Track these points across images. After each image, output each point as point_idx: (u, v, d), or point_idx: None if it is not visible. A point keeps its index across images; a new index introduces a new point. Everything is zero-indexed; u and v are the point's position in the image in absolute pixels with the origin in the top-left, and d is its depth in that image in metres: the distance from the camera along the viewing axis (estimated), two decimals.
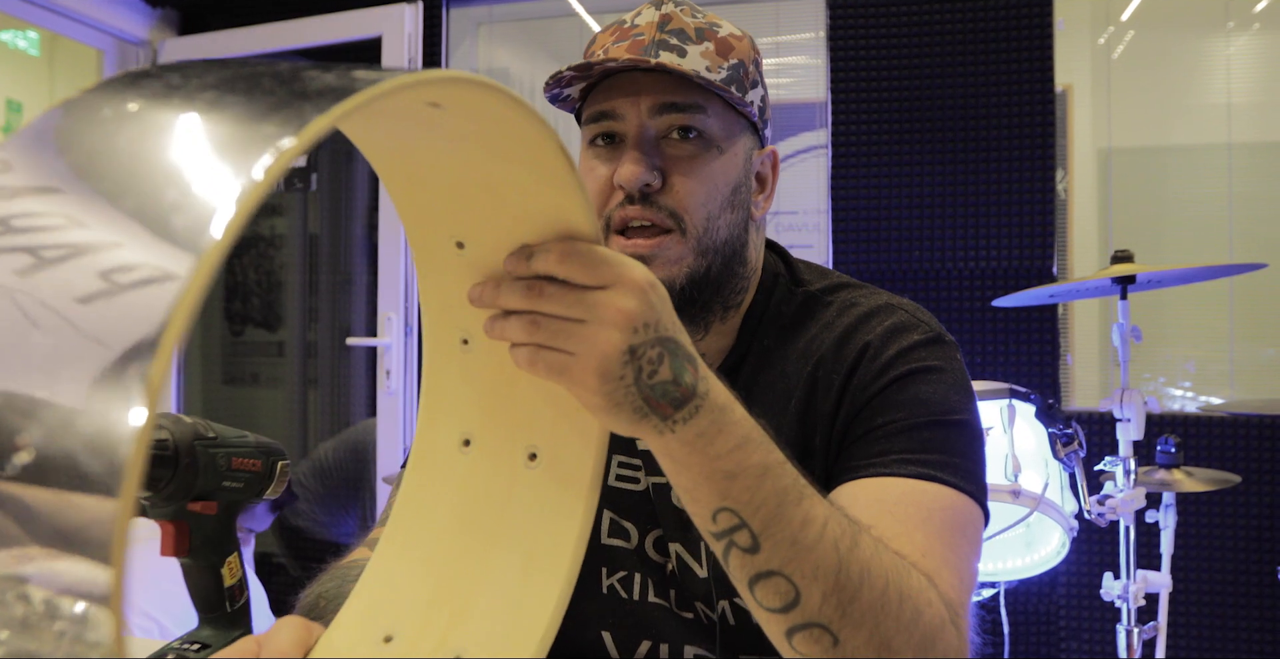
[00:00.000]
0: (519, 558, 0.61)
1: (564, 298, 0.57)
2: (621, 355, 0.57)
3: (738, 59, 0.90)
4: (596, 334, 0.57)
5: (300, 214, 3.31)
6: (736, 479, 0.62)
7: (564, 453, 0.62)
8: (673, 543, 0.91)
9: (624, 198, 0.86)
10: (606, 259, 0.58)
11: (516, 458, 0.63)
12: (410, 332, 2.89)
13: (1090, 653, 2.51)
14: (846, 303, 0.93)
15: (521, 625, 0.59)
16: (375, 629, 0.61)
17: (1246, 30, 3.11)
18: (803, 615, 0.63)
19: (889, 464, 0.80)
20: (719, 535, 0.63)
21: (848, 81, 2.67)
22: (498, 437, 0.63)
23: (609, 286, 0.57)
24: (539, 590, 0.59)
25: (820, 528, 0.63)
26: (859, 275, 2.66)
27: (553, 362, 0.58)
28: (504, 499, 0.62)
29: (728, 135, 0.89)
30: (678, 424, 0.60)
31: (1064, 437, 1.79)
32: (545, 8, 3.28)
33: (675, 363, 0.59)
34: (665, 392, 0.59)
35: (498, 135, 0.54)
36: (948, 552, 0.75)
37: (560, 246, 0.57)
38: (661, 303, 0.59)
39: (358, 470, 2.91)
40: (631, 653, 0.92)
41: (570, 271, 0.57)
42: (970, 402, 0.87)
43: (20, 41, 4.14)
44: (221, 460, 0.85)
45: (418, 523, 0.64)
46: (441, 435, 0.65)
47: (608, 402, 0.58)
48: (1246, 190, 3.04)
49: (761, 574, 0.63)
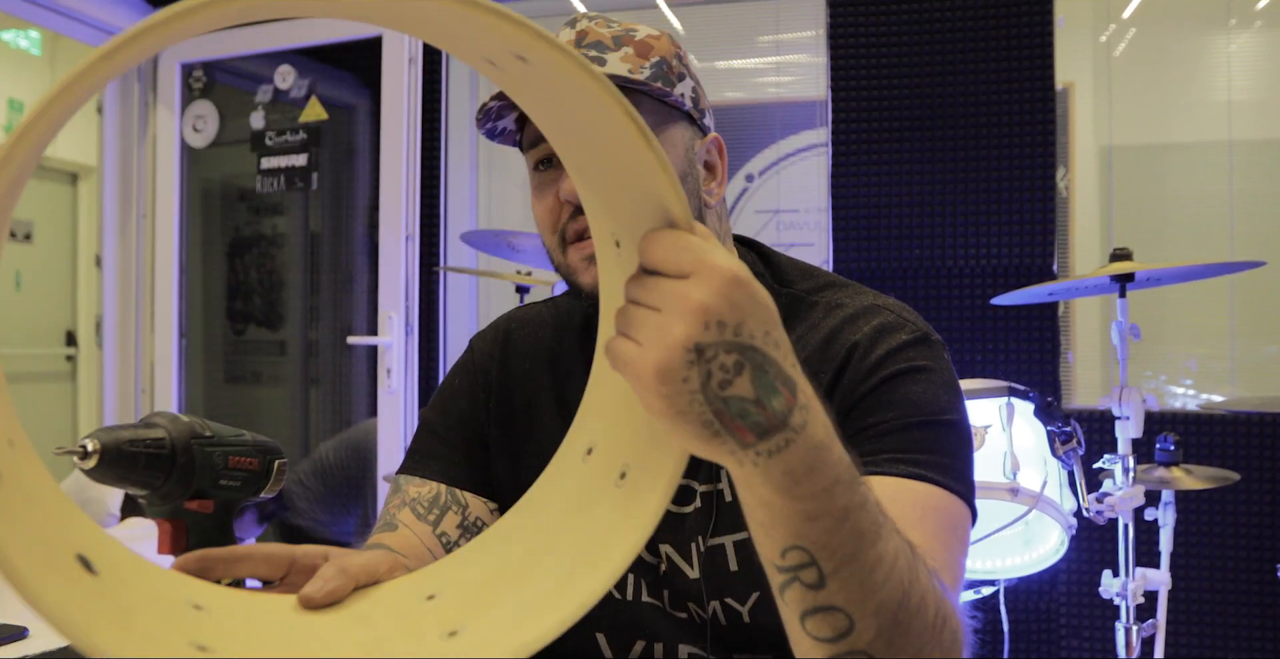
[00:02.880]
0: (563, 570, 0.61)
1: (650, 284, 0.53)
2: (685, 352, 0.51)
3: (658, 56, 0.91)
4: (664, 323, 0.51)
5: (302, 213, 3.32)
6: (817, 521, 0.57)
7: (643, 477, 0.60)
8: (663, 544, 0.91)
9: (573, 210, 0.88)
10: (689, 246, 0.52)
11: (613, 473, 0.62)
12: (411, 331, 2.90)
13: (1089, 650, 2.51)
14: (832, 303, 0.93)
15: (529, 623, 0.60)
16: (427, 586, 0.63)
17: (1248, 28, 3.11)
18: (850, 645, 0.60)
19: (880, 463, 0.80)
20: (784, 570, 0.59)
21: (848, 80, 2.67)
22: (611, 448, 0.63)
23: (689, 275, 0.52)
24: (567, 596, 0.60)
25: (890, 568, 0.60)
26: (859, 273, 2.67)
27: (619, 350, 0.53)
28: (588, 512, 0.62)
29: (660, 128, 0.90)
30: (762, 457, 0.54)
31: (1062, 434, 1.79)
32: (545, 6, 3.28)
33: (761, 379, 0.53)
34: (744, 411, 0.53)
35: (585, 104, 0.53)
36: (944, 552, 0.75)
37: (650, 234, 0.54)
38: (750, 305, 0.52)
39: (358, 470, 2.92)
40: (626, 653, 0.93)
41: (654, 259, 0.53)
42: (959, 401, 0.87)
43: (22, 41, 4.14)
44: (218, 459, 0.86)
45: (522, 515, 0.66)
46: (578, 441, 0.65)
47: (669, 407, 0.52)
48: (1247, 188, 3.03)
49: (820, 608, 0.60)
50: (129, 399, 3.24)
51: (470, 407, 1.00)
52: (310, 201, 3.28)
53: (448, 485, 0.96)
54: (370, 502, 2.91)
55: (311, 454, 3.02)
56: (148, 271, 3.25)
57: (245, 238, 3.37)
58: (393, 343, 2.88)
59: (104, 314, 3.28)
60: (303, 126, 3.11)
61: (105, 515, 2.33)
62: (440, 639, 0.59)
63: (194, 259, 3.35)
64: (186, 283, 3.27)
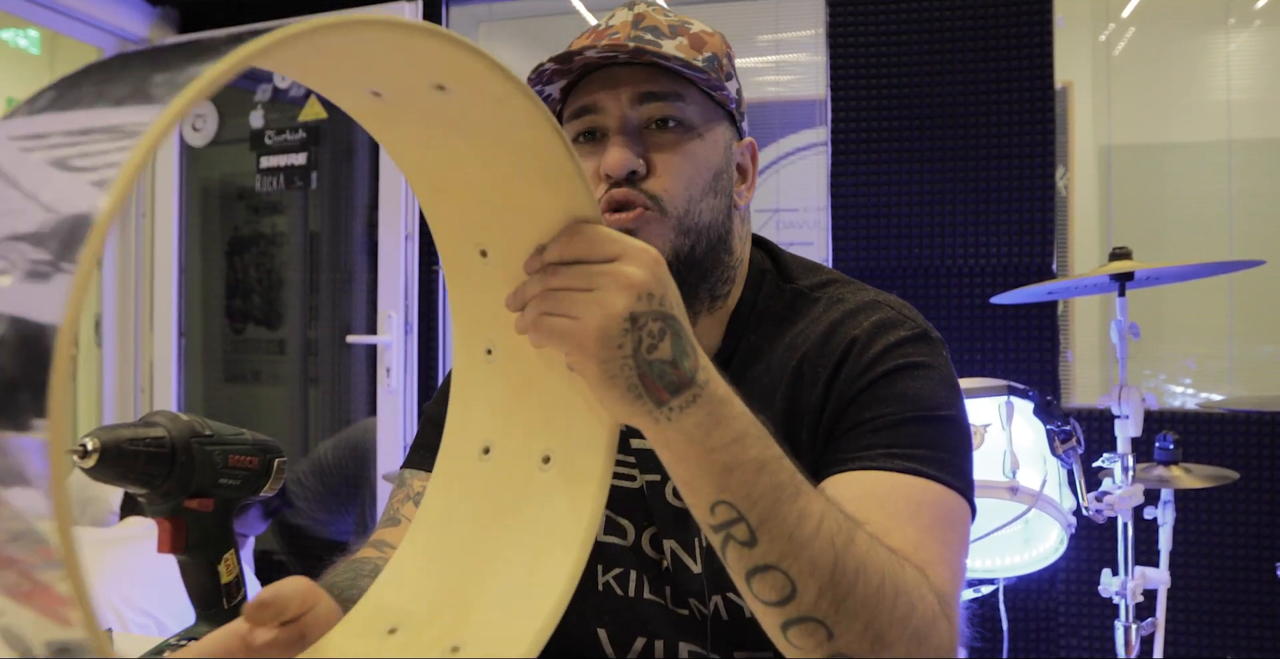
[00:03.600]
0: (527, 557, 0.62)
1: (573, 272, 0.59)
2: (623, 321, 0.58)
3: (711, 52, 0.92)
4: (602, 297, 0.58)
5: (301, 212, 3.31)
6: (733, 472, 0.62)
7: (576, 455, 0.63)
8: (668, 539, 0.91)
9: (610, 185, 0.87)
10: (611, 236, 0.60)
11: (531, 462, 0.64)
12: (410, 329, 2.90)
13: (1088, 649, 2.51)
14: (833, 298, 0.93)
15: (520, 622, 0.60)
16: (382, 622, 0.63)
17: (1247, 27, 3.11)
18: (798, 609, 0.64)
19: (876, 458, 0.80)
20: (717, 528, 0.64)
21: (848, 79, 2.67)
22: (515, 443, 0.65)
23: (617, 258, 0.59)
24: (541, 588, 0.60)
25: (817, 523, 0.64)
26: (858, 272, 2.67)
27: (554, 325, 0.59)
28: (517, 502, 0.64)
29: (706, 122, 0.90)
30: (674, 411, 0.61)
31: (1062, 433, 1.79)
32: (545, 5, 3.28)
33: (677, 343, 0.61)
34: (662, 372, 0.60)
35: (501, 121, 0.55)
36: (939, 546, 0.75)
37: (566, 231, 0.60)
38: (669, 280, 0.61)
39: (357, 469, 2.92)
40: (626, 650, 0.93)
41: (578, 250, 0.59)
42: (957, 398, 0.87)
43: (21, 40, 4.14)
44: (218, 458, 0.86)
45: (436, 528, 0.66)
46: (464, 443, 0.67)
47: (603, 372, 0.59)
48: (1247, 187, 3.04)
49: (759, 568, 0.64)
50: (128, 398, 3.24)
51: None
52: (309, 200, 3.28)
53: None
54: (368, 501, 2.90)
55: (310, 454, 3.02)
56: (147, 270, 3.25)
57: (244, 237, 3.37)
58: (392, 342, 2.88)
59: (103, 313, 3.28)
60: (302, 125, 3.11)
61: (107, 513, 2.33)
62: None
63: (193, 258, 3.35)
64: (185, 282, 3.27)
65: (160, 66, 0.39)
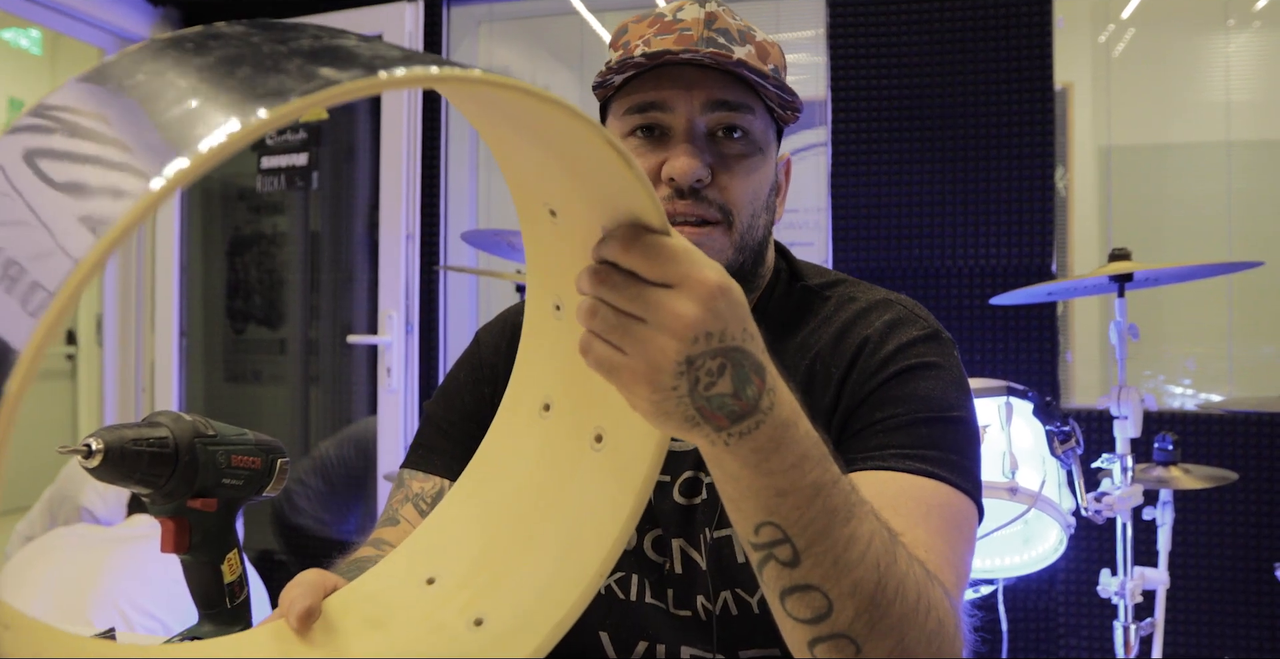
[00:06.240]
0: (563, 541, 0.61)
1: (625, 290, 0.53)
2: (675, 366, 0.53)
3: (773, 64, 0.91)
4: (652, 338, 0.52)
5: (302, 212, 3.32)
6: (787, 498, 0.58)
7: (627, 443, 0.61)
8: (675, 539, 0.91)
9: (671, 192, 0.85)
10: (675, 255, 0.53)
11: (585, 437, 0.62)
12: (411, 329, 2.90)
13: (1088, 649, 2.51)
14: (844, 298, 0.94)
15: (542, 610, 0.60)
16: (422, 569, 0.63)
17: (1246, 28, 3.11)
18: (831, 627, 0.61)
19: (888, 458, 0.80)
20: (758, 547, 0.61)
21: (848, 79, 2.67)
22: (575, 407, 0.63)
23: (675, 286, 0.52)
24: (569, 578, 0.60)
25: (864, 547, 0.61)
26: (859, 273, 2.67)
27: (603, 356, 0.54)
28: (567, 476, 0.63)
29: (766, 138, 0.90)
30: (734, 437, 0.56)
31: (1061, 434, 1.80)
32: (545, 6, 3.28)
33: (738, 375, 0.55)
34: (722, 404, 0.55)
35: (549, 127, 0.52)
36: (948, 549, 0.76)
37: (625, 233, 0.53)
38: (730, 309, 0.54)
39: (359, 468, 2.92)
40: (629, 653, 0.93)
41: (634, 262, 0.53)
42: (967, 399, 0.87)
43: (22, 40, 4.14)
44: (221, 458, 0.86)
45: (489, 478, 0.65)
46: (527, 396, 0.65)
47: (655, 410, 0.55)
48: (1246, 188, 3.04)
49: (797, 587, 0.61)
50: (129, 398, 3.24)
51: (474, 401, 1.01)
52: (310, 201, 3.28)
53: (451, 480, 0.96)
54: (371, 500, 2.91)
55: (312, 453, 3.02)
56: (148, 270, 3.25)
57: (245, 237, 3.37)
58: (393, 342, 2.88)
59: (104, 313, 3.28)
60: (303, 126, 3.11)
61: (76, 510, 2.32)
62: (468, 630, 0.59)
63: (194, 258, 3.36)
64: (187, 282, 3.27)
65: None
